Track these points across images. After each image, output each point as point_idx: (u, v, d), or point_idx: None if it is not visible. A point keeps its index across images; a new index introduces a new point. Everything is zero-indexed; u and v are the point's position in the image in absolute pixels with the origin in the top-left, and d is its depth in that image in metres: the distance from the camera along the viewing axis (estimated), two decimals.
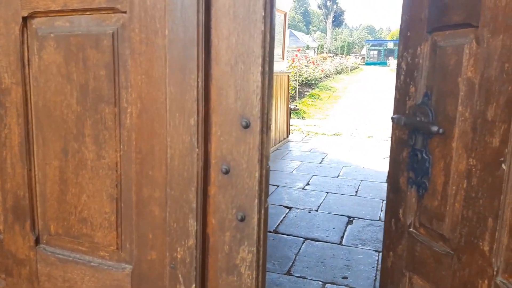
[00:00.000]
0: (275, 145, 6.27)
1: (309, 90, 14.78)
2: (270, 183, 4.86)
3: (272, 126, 6.14)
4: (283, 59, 6.49)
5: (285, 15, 6.54)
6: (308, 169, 5.23)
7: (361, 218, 3.63)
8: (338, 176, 4.94)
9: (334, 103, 12.31)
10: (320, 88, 15.79)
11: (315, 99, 12.81)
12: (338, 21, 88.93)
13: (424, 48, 1.08)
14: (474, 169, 0.93)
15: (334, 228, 3.39)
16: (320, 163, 5.57)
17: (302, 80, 14.78)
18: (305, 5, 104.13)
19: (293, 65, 14.11)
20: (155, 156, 0.85)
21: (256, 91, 0.75)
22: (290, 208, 3.85)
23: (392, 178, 1.23)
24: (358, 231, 3.35)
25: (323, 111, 10.48)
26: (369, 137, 7.67)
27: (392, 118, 1.11)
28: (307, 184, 4.61)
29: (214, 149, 0.81)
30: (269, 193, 3.73)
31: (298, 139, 7.27)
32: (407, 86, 1.15)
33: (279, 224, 3.46)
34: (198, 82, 0.77)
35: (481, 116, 0.90)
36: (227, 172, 0.80)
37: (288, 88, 6.87)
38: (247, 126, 0.76)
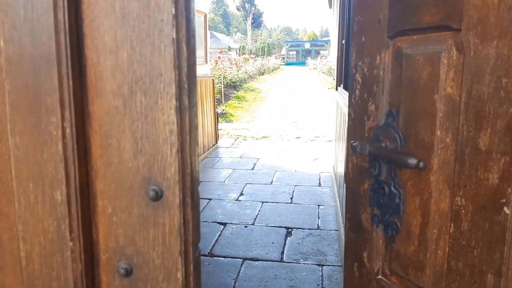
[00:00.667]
0: (203, 152, 5.95)
1: (235, 92, 14.63)
2: (201, 196, 4.54)
3: (200, 132, 5.81)
4: (206, 62, 6.19)
5: (205, 16, 6.23)
6: (241, 177, 4.99)
7: (300, 228, 3.47)
8: (271, 183, 4.77)
9: (260, 104, 12.27)
10: (245, 90, 15.73)
11: (241, 101, 12.67)
12: (257, 22, 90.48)
13: (385, 56, 0.87)
14: (463, 211, 0.73)
15: (273, 243, 3.18)
16: (253, 169, 5.37)
17: (227, 82, 14.58)
18: (224, 7, 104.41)
19: (216, 67, 13.84)
20: (3, 252, 0.51)
21: (170, 139, 0.46)
22: (225, 224, 3.57)
23: (352, 213, 1.01)
24: (298, 243, 3.18)
25: (250, 113, 10.36)
26: (297, 138, 7.67)
27: (353, 146, 0.88)
28: (241, 194, 4.37)
29: (104, 239, 0.50)
30: (201, 209, 3.41)
31: (228, 144, 7.01)
32: (364, 102, 0.94)
33: (214, 244, 3.16)
34: (64, 128, 0.45)
35: (470, 145, 0.70)
36: (128, 273, 0.49)
37: (214, 92, 6.58)
38: (157, 197, 0.46)
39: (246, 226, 3.53)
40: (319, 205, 4.03)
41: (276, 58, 44.62)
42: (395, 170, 0.86)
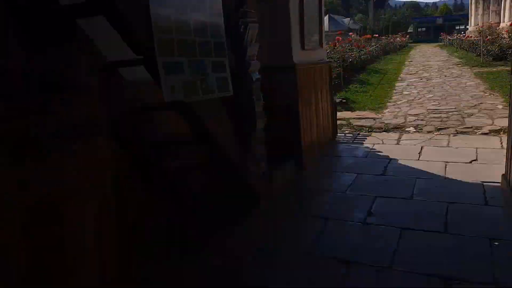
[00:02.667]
0: (318, 149, 4.89)
1: (356, 75, 13.09)
2: (314, 213, 3.49)
3: (314, 126, 4.77)
4: (321, 46, 5.08)
5: None
6: (368, 186, 3.81)
7: (465, 281, 2.20)
8: (412, 196, 3.49)
9: (387, 88, 10.55)
10: (369, 72, 14.01)
11: (364, 85, 11.13)
12: (381, 1, 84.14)
13: None
14: None
15: None
16: (383, 174, 4.12)
17: (347, 65, 13.12)
18: None
19: (335, 50, 12.49)
20: None
21: None
22: (347, 263, 2.49)
23: None
24: None
25: (375, 99, 8.84)
26: (438, 129, 6.04)
27: None
28: (370, 213, 3.21)
29: None
30: (314, 234, 1.91)
31: (348, 139, 5.81)
32: None
33: None
34: None
35: None
36: None
37: (331, 79, 5.43)
38: None
39: (378, 271, 2.39)
40: (492, 240, 2.65)
41: (402, 37, 40.42)
42: None
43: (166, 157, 2.59)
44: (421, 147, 4.99)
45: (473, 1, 37.79)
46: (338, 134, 5.97)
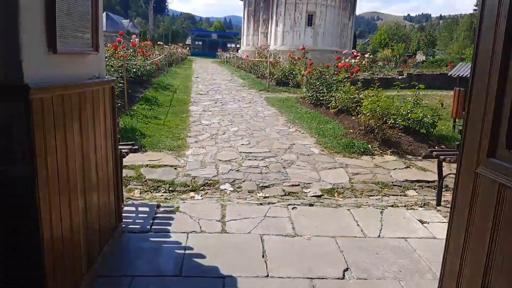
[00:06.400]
0: (88, 260, 2.43)
1: (142, 90, 10.77)
2: None
3: (77, 216, 2.29)
4: (96, 51, 2.55)
5: None
6: None
7: None
8: None
9: (182, 114, 8.65)
10: (156, 87, 11.91)
11: (153, 106, 8.94)
12: (160, 7, 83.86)
13: None
14: None
15: None
16: None
17: (131, 77, 10.65)
18: None
19: (115, 55, 9.81)
20: None
21: None
22: None
23: None
24: None
25: (172, 131, 6.76)
26: (261, 187, 4.51)
27: None
28: None
29: None
30: None
31: (143, 221, 3.50)
32: None
33: None
34: None
35: None
36: None
37: (114, 111, 2.99)
38: None
39: None
40: None
41: (183, 48, 40.33)
42: None
43: None
44: (262, 239, 3.17)
45: (245, 22, 41.29)
46: (126, 208, 3.58)
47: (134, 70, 11.16)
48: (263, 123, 8.08)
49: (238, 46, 51.20)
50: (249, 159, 5.46)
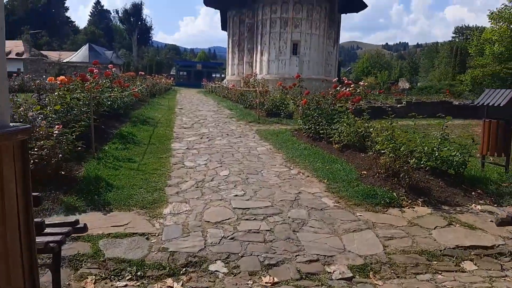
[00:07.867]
0: None
1: (117, 125, 9.48)
2: None
3: None
4: None
5: None
6: None
7: None
8: None
9: (161, 154, 7.36)
10: (134, 122, 10.62)
11: (128, 145, 7.63)
12: (144, 38, 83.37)
13: None
14: None
15: None
16: None
17: (104, 111, 9.37)
18: (106, 21, 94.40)
19: (84, 87, 8.53)
20: None
21: None
22: None
23: None
24: None
25: (147, 179, 5.44)
26: (267, 266, 3.25)
27: None
28: None
29: None
30: None
31: None
32: None
33: None
34: None
35: None
36: None
37: (27, 184, 2.03)
38: None
39: None
40: None
41: (167, 78, 39.34)
42: None
43: None
44: None
45: (229, 52, 40.71)
46: None
47: (109, 103, 9.91)
48: (258, 163, 6.83)
49: (223, 75, 50.63)
50: (247, 219, 4.17)
